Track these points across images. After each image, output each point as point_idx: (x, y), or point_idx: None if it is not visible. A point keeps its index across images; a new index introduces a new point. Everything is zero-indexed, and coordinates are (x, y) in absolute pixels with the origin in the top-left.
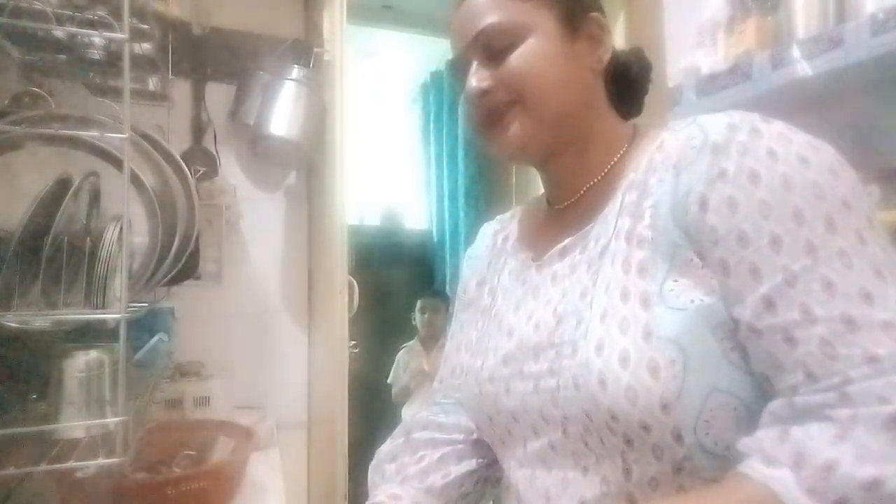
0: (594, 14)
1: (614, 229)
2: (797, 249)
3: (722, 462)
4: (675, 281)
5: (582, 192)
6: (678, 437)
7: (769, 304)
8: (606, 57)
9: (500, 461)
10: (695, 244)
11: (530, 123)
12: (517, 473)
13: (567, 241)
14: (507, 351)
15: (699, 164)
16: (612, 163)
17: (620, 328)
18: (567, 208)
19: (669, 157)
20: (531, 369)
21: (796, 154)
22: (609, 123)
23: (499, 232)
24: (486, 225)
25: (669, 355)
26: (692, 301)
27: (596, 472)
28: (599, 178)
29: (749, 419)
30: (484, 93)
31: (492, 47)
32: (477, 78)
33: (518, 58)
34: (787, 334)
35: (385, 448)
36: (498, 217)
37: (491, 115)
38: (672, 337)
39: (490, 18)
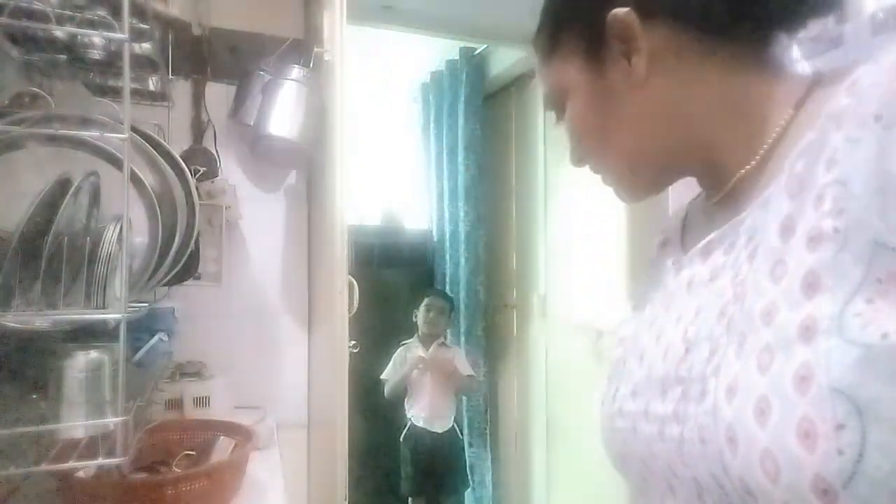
0: (611, 14)
1: (773, 219)
2: None
3: None
4: (869, 302)
5: (734, 181)
6: None
7: None
8: (643, 58)
9: None
10: None
11: (611, 179)
12: None
13: (712, 235)
14: (637, 380)
15: None
16: (771, 137)
17: (761, 365)
18: (721, 201)
19: (867, 102)
20: (657, 409)
21: None
22: (733, 99)
23: (659, 239)
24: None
25: (838, 415)
26: (887, 335)
27: None
28: (755, 161)
29: None
30: (577, 161)
31: (556, 114)
32: (571, 152)
33: (571, 132)
34: None
35: None
36: (662, 226)
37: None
38: (845, 387)
39: (543, 89)
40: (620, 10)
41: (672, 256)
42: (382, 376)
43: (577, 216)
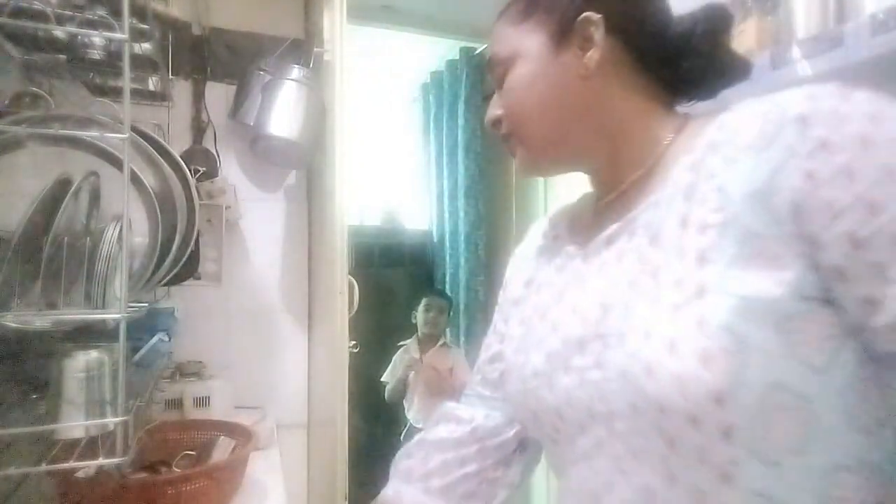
0: (586, 14)
1: (667, 214)
2: None
3: (776, 472)
4: (742, 269)
5: (625, 185)
6: (728, 436)
7: None
8: (597, 56)
9: (553, 459)
10: (793, 226)
11: (524, 152)
12: (570, 471)
13: (613, 227)
14: (551, 345)
15: (786, 138)
16: (657, 154)
17: (670, 316)
18: (614, 200)
19: (738, 136)
20: (577, 363)
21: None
22: (641, 116)
23: (548, 231)
24: (534, 225)
25: (724, 344)
26: (759, 290)
27: (640, 477)
28: (643, 170)
29: (817, 427)
30: (494, 122)
31: (497, 78)
32: (491, 107)
33: (506, 90)
34: None
35: (408, 444)
36: (548, 216)
37: (504, 141)
38: (728, 325)
39: (491, 49)
40: (595, 15)
41: (569, 246)
42: (383, 379)
43: None
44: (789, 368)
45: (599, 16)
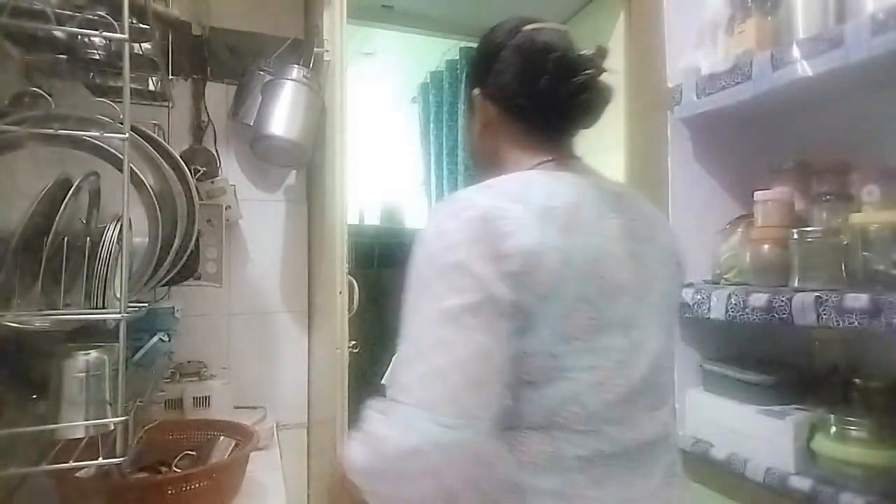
0: (473, 91)
1: None
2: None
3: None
4: None
5: None
6: None
7: None
8: (481, 118)
9: None
10: None
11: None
12: None
13: None
14: None
15: None
16: None
17: None
18: None
19: None
20: None
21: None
22: (513, 156)
23: None
24: None
25: None
26: None
27: None
28: None
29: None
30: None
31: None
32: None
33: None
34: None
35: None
36: None
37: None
38: None
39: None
40: (475, 91)
41: None
42: (383, 381)
43: None
44: None
45: (477, 91)
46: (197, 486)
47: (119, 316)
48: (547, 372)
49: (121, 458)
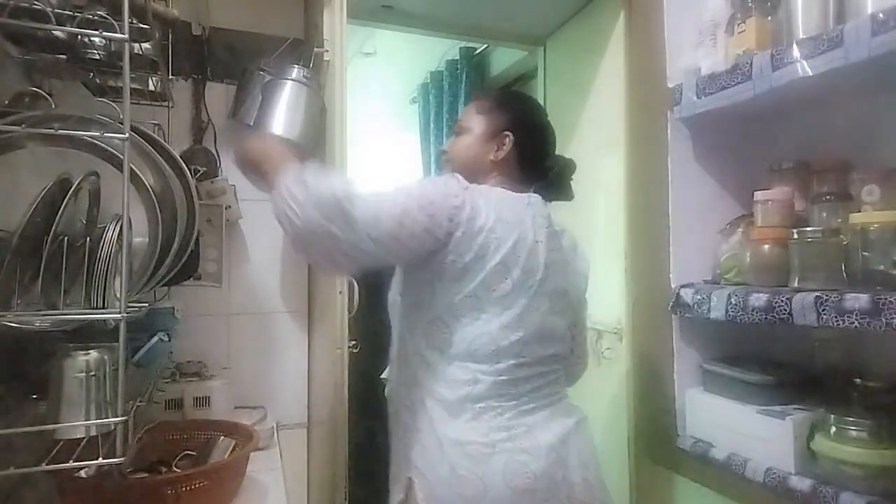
0: (505, 132)
1: None
2: None
3: None
4: None
5: None
6: None
7: None
8: (501, 155)
9: None
10: None
11: (447, 168)
12: None
13: None
14: None
15: None
16: None
17: None
18: None
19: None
20: None
21: None
22: (488, 175)
23: None
24: None
25: None
26: None
27: None
28: None
29: None
30: (442, 152)
31: (457, 132)
32: (448, 142)
33: (456, 142)
34: None
35: None
36: None
37: (440, 156)
38: None
39: (462, 116)
40: (510, 134)
41: None
42: (383, 376)
43: (575, 216)
44: None
45: (511, 135)
46: (197, 486)
47: (119, 316)
48: (472, 311)
49: (121, 458)
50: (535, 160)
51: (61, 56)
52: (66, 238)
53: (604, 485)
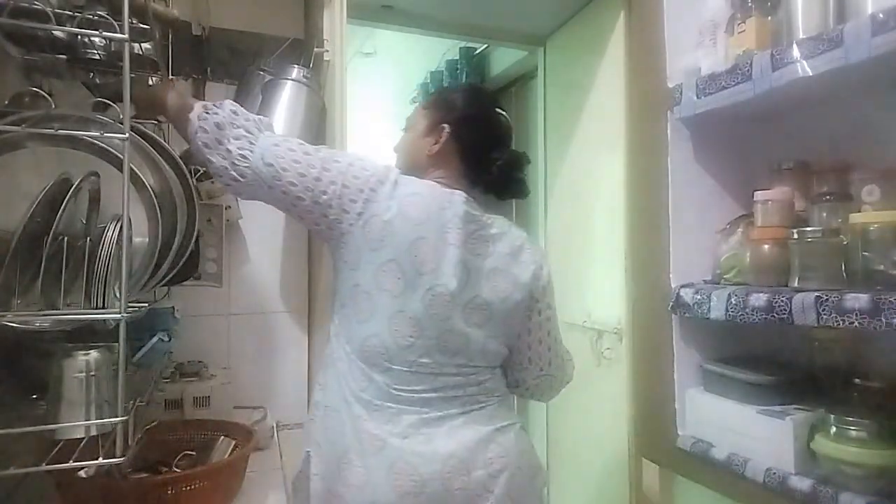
0: (443, 125)
1: None
2: None
3: None
4: None
5: None
6: None
7: None
8: (436, 148)
9: None
10: None
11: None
12: None
13: None
14: None
15: None
16: None
17: None
18: None
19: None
20: None
21: None
22: (427, 170)
23: None
24: None
25: None
26: None
27: None
28: None
29: None
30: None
31: (404, 130)
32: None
33: (401, 139)
34: None
35: None
36: None
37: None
38: None
39: (408, 116)
40: (447, 126)
41: None
42: None
43: (576, 216)
44: None
45: (448, 127)
46: (197, 486)
47: (119, 316)
48: (365, 307)
49: (121, 458)
50: (476, 153)
51: (61, 56)
52: (66, 238)
53: (537, 493)
